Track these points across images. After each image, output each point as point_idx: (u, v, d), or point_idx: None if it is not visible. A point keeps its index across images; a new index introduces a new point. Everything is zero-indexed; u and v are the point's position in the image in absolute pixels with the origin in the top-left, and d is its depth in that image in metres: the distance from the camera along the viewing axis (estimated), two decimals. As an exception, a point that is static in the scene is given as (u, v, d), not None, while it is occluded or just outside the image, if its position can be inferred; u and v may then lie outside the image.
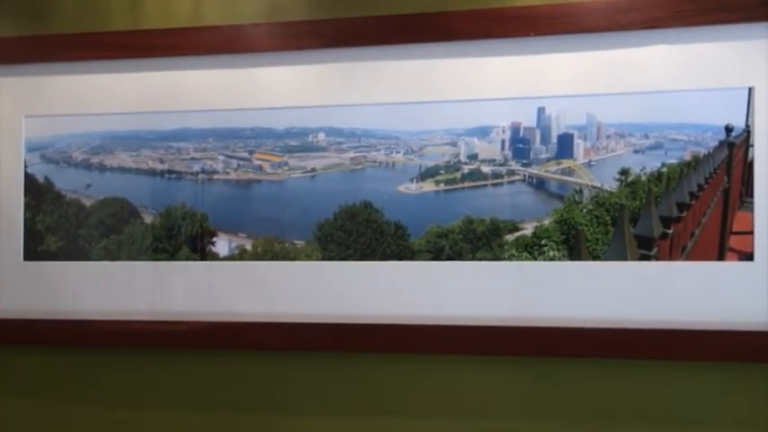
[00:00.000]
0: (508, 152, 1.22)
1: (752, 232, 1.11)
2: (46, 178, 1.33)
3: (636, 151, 1.16)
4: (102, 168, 1.33)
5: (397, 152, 1.25)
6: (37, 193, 1.33)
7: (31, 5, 1.35)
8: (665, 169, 1.15)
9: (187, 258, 1.28)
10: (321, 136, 1.27)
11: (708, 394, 1.14)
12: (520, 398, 1.19)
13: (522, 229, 1.19)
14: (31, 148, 1.33)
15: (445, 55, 1.20)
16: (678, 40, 1.14)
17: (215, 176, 1.30)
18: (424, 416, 1.22)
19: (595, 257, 1.16)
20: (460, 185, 1.23)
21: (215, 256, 1.28)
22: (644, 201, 1.15)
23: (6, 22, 1.35)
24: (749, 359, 1.10)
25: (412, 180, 1.25)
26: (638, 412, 1.15)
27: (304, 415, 1.25)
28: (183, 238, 1.29)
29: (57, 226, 1.32)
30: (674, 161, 1.15)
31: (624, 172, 1.16)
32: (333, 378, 1.24)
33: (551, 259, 1.17)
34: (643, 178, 1.15)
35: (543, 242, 1.17)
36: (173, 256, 1.29)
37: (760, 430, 1.12)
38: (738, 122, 1.12)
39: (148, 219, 1.30)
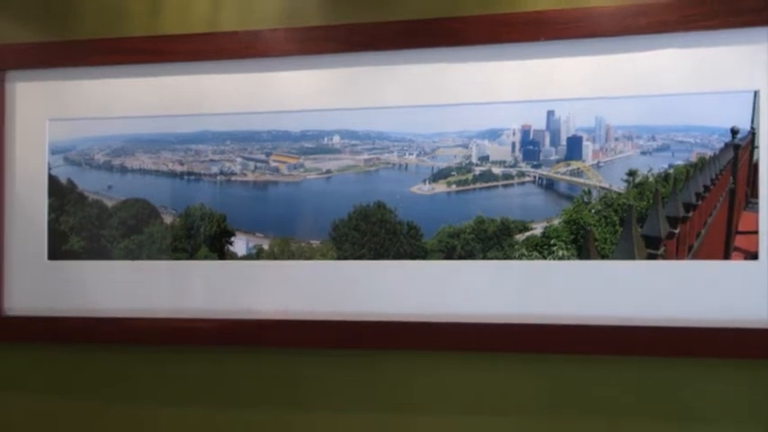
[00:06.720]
0: (519, 154, 1.23)
1: (757, 232, 1.12)
2: (69, 180, 1.36)
3: (643, 153, 1.18)
4: (124, 170, 1.35)
5: (410, 154, 1.26)
6: (60, 194, 1.35)
7: (55, 12, 1.37)
8: (671, 170, 1.16)
9: (206, 258, 1.30)
10: (336, 138, 1.29)
11: (714, 391, 1.15)
12: (529, 395, 1.21)
13: (532, 229, 1.20)
14: (54, 151, 1.36)
15: (458, 59, 1.22)
16: (685, 44, 1.15)
17: (233, 178, 1.32)
18: (438, 413, 1.23)
19: (604, 257, 1.17)
20: (472, 186, 1.25)
21: (233, 256, 1.30)
22: (651, 201, 1.16)
23: (31, 28, 1.38)
24: (754, 356, 1.12)
25: (424, 181, 1.26)
26: (645, 409, 1.17)
27: (320, 411, 1.27)
28: (202, 237, 1.31)
29: (80, 226, 1.35)
30: (680, 162, 1.16)
31: (632, 173, 1.18)
32: (348, 375, 1.26)
33: (560, 258, 1.18)
34: (650, 179, 1.17)
35: (553, 242, 1.19)
36: (192, 255, 1.31)
37: (765, 427, 1.14)
38: (744, 125, 1.13)
39: (168, 219, 1.33)
